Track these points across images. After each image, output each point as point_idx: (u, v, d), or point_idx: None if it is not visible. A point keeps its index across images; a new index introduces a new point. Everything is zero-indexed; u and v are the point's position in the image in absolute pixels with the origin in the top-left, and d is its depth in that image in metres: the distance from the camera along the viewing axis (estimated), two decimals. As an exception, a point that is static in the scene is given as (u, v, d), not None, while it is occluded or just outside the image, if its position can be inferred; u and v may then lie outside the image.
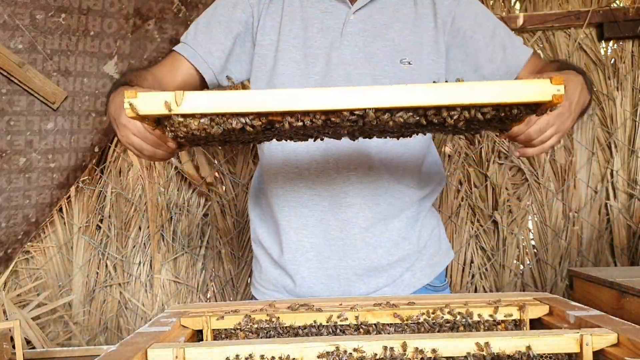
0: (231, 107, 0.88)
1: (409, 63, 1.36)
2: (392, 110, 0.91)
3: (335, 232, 1.37)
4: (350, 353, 0.83)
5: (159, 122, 0.97)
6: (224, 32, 1.41)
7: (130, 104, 0.88)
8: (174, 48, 1.45)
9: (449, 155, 2.62)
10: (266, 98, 0.88)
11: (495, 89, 0.88)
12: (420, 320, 1.02)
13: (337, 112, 0.90)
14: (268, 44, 1.40)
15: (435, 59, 1.39)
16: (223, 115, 0.90)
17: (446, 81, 1.42)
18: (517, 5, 2.72)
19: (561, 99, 0.87)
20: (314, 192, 1.37)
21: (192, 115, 0.90)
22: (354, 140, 1.09)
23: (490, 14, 1.43)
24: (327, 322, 1.03)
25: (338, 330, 1.04)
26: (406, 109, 0.92)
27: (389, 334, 1.02)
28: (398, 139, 1.09)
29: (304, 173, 1.38)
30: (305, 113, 0.91)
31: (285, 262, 1.42)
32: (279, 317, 1.03)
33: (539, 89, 0.87)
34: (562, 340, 0.85)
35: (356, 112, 0.90)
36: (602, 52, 2.66)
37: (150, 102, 0.89)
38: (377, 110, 0.90)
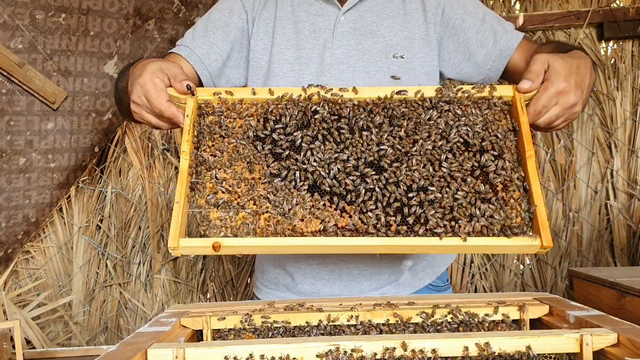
0: (260, 252, 1.09)
1: (402, 57, 1.39)
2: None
3: None
4: (350, 353, 0.83)
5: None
6: (222, 36, 1.43)
7: (174, 248, 1.01)
8: (170, 50, 1.47)
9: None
10: (285, 242, 1.04)
11: (486, 246, 1.03)
12: (420, 320, 1.03)
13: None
14: (262, 49, 1.43)
15: (427, 51, 1.41)
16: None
17: (440, 73, 1.44)
18: (517, 5, 2.72)
19: (544, 252, 1.02)
20: None
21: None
22: None
23: (479, 2, 1.45)
24: (327, 322, 1.03)
25: (338, 330, 1.04)
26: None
27: (389, 333, 1.02)
28: None
29: None
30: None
31: (286, 261, 1.42)
32: (278, 318, 1.03)
33: (526, 247, 1.02)
34: (562, 340, 0.85)
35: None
36: (602, 52, 2.66)
37: (191, 250, 1.04)
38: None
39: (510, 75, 1.41)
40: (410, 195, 1.04)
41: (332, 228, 1.04)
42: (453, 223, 1.03)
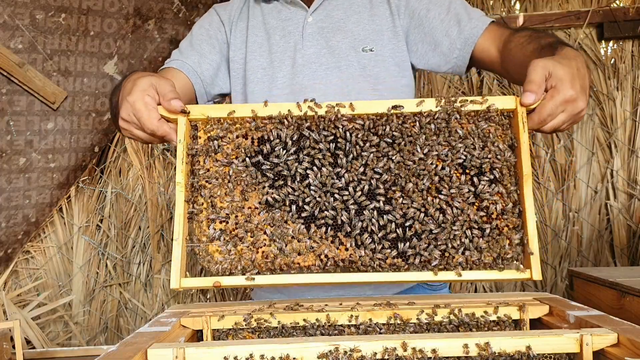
0: (259, 285, 1.05)
1: (371, 50, 1.40)
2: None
3: None
4: (350, 353, 0.83)
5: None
6: (208, 48, 1.46)
7: (176, 289, 1.04)
8: (161, 68, 1.47)
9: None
10: (284, 279, 1.06)
11: (477, 279, 1.06)
12: (420, 320, 1.03)
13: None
14: (239, 58, 1.47)
15: (396, 43, 1.42)
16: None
17: (411, 64, 1.44)
18: (517, 5, 2.72)
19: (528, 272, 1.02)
20: None
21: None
22: None
23: None
24: (327, 322, 1.03)
25: (337, 330, 1.04)
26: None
27: (389, 333, 1.02)
28: None
29: None
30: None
31: None
32: (279, 318, 1.03)
33: (513, 277, 1.03)
34: (562, 340, 0.85)
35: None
36: (602, 52, 2.66)
37: (194, 286, 1.06)
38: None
39: (480, 63, 1.38)
40: (407, 224, 1.03)
41: (329, 261, 1.03)
42: (447, 254, 1.02)
